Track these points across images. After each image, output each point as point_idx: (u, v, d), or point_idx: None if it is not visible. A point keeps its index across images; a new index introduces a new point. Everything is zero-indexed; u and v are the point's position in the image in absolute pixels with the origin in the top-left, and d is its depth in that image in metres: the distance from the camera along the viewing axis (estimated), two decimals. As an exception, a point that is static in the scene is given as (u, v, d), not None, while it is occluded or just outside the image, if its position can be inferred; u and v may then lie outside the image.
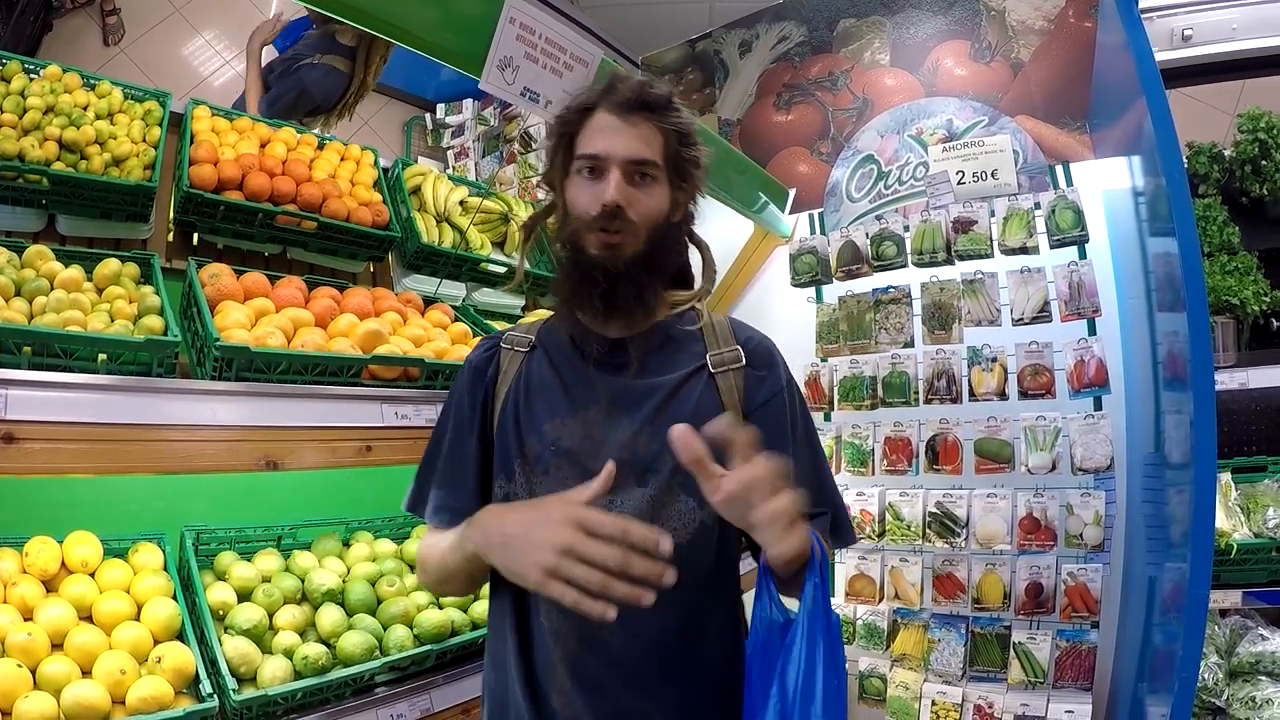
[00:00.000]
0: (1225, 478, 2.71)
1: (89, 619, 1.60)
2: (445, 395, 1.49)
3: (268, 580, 1.88)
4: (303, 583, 1.91)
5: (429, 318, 2.33)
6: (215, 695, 1.52)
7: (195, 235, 2.22)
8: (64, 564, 1.66)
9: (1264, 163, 3.03)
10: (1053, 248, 2.68)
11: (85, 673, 1.48)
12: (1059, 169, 2.86)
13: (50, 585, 1.63)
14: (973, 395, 2.72)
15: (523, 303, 3.00)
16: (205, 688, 1.53)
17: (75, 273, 1.77)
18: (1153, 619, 2.32)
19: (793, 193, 3.45)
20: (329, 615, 1.84)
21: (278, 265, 2.35)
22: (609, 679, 1.26)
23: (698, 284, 1.48)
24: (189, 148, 2.15)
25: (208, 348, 1.67)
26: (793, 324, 3.25)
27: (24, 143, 1.93)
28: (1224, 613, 2.74)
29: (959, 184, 2.95)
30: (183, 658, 1.54)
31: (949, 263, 2.84)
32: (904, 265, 2.93)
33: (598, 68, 2.01)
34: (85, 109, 2.11)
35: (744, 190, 3.03)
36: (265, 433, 1.66)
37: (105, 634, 1.55)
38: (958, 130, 3.19)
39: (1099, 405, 2.57)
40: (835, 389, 3.00)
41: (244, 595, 1.81)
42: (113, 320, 1.68)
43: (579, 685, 1.26)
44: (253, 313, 1.89)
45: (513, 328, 1.51)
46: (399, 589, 1.98)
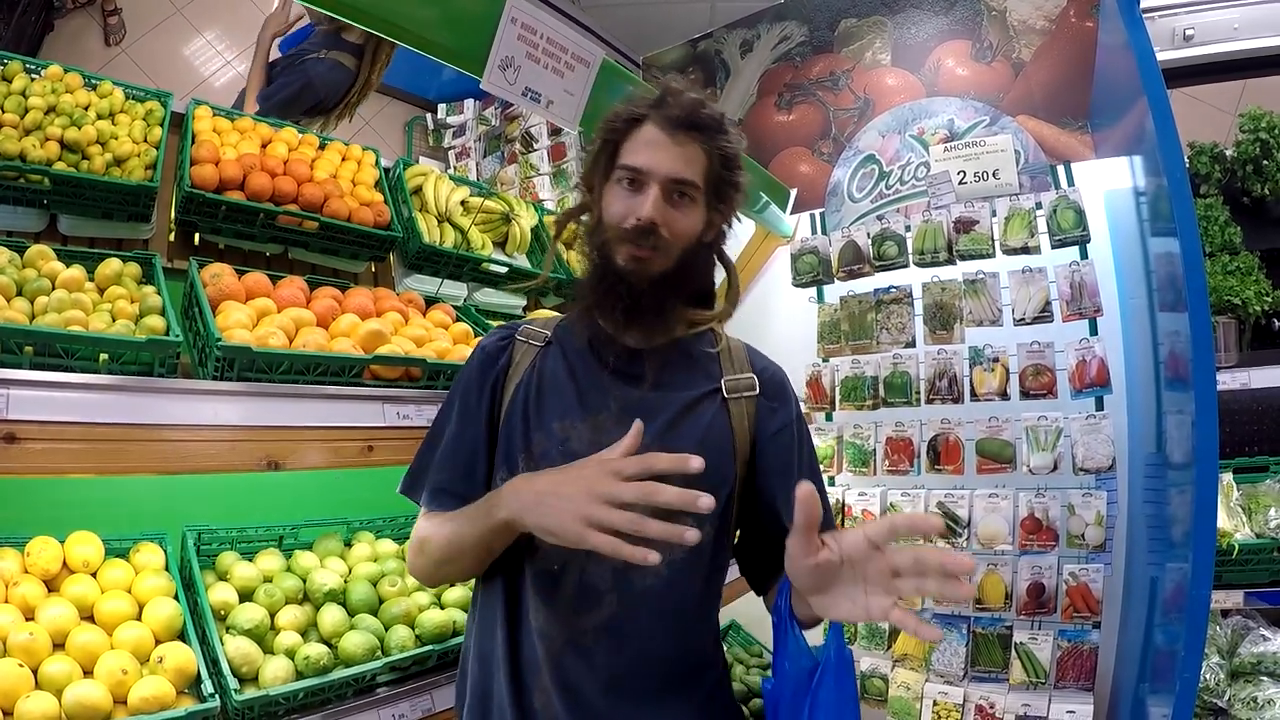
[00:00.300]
0: (1227, 478, 2.71)
1: (90, 619, 1.59)
2: (446, 395, 1.48)
3: (269, 580, 1.88)
4: (304, 583, 1.91)
5: (430, 318, 2.33)
6: (217, 695, 1.52)
7: (197, 235, 2.21)
8: (65, 564, 1.66)
9: (1265, 162, 3.03)
10: (1054, 248, 2.68)
11: (87, 673, 1.47)
12: (1060, 169, 2.86)
13: (52, 585, 1.63)
14: (974, 395, 2.72)
15: (524, 303, 3.00)
16: (207, 688, 1.53)
17: (77, 273, 1.77)
18: (1154, 619, 2.32)
19: (794, 193, 3.45)
20: (331, 615, 1.84)
21: (279, 265, 2.35)
22: (589, 684, 1.27)
23: (718, 304, 1.48)
24: (190, 148, 2.15)
25: (209, 348, 1.67)
26: (794, 324, 3.25)
27: (25, 143, 1.93)
28: (1225, 613, 2.74)
29: (960, 184, 2.94)
30: (184, 658, 1.54)
31: (950, 263, 2.83)
32: (905, 265, 2.93)
33: (599, 68, 2.01)
34: (87, 109, 2.11)
35: (745, 190, 3.03)
36: (267, 433, 1.65)
37: (107, 634, 1.55)
38: (959, 130, 3.19)
39: (1100, 405, 2.57)
40: (837, 389, 3.00)
41: (245, 595, 1.81)
42: (114, 320, 1.68)
43: (560, 687, 1.26)
44: (254, 313, 1.89)
45: (529, 321, 1.50)
46: (401, 589, 1.98)
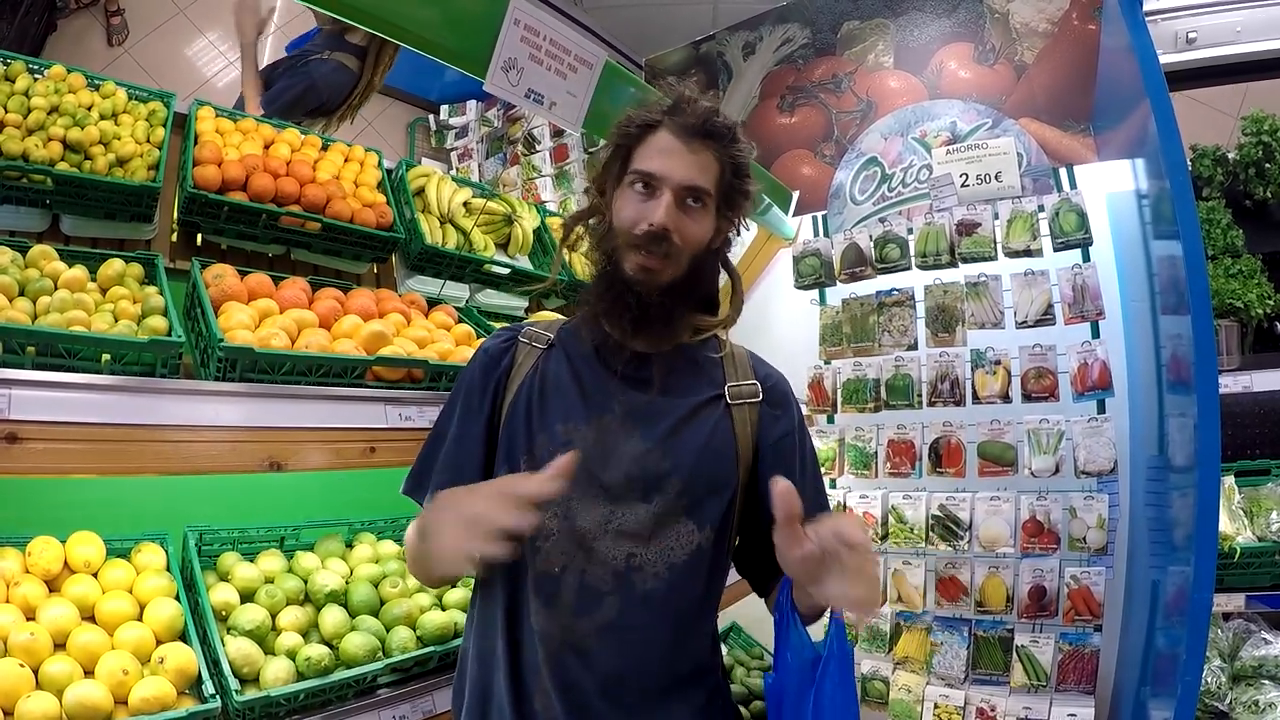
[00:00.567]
0: (1229, 481, 2.70)
1: (91, 619, 1.59)
2: (449, 396, 1.49)
3: (270, 581, 1.88)
4: (305, 584, 1.91)
5: (433, 319, 2.33)
6: (218, 696, 1.52)
7: (199, 236, 2.22)
8: (67, 564, 1.66)
9: (1268, 165, 3.03)
10: (1056, 250, 2.67)
11: (88, 673, 1.47)
12: (1063, 171, 2.85)
13: (53, 585, 1.63)
14: (976, 398, 2.72)
15: (526, 304, 3.00)
16: (208, 688, 1.53)
17: (79, 273, 1.77)
18: (1156, 623, 2.32)
19: (796, 195, 3.45)
20: (332, 616, 1.84)
21: (281, 266, 2.35)
22: (589, 685, 1.27)
23: (723, 311, 1.48)
24: (193, 148, 2.15)
25: (211, 348, 1.67)
26: (796, 326, 3.25)
27: (28, 143, 1.93)
28: (1227, 616, 2.74)
29: (962, 186, 2.94)
30: (185, 658, 1.54)
31: (952, 265, 2.83)
32: (907, 268, 2.93)
33: (602, 69, 2.01)
34: (89, 109, 2.11)
35: (747, 192, 3.03)
36: (269, 434, 1.65)
37: (108, 634, 1.55)
38: (961, 133, 3.19)
39: (1102, 408, 2.57)
40: (838, 391, 3.00)
41: (247, 596, 1.81)
42: (116, 321, 1.68)
43: (560, 688, 1.27)
44: (256, 314, 1.89)
45: (532, 323, 1.51)
46: (402, 590, 1.98)
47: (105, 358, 1.52)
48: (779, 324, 3.40)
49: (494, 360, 1.44)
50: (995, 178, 2.91)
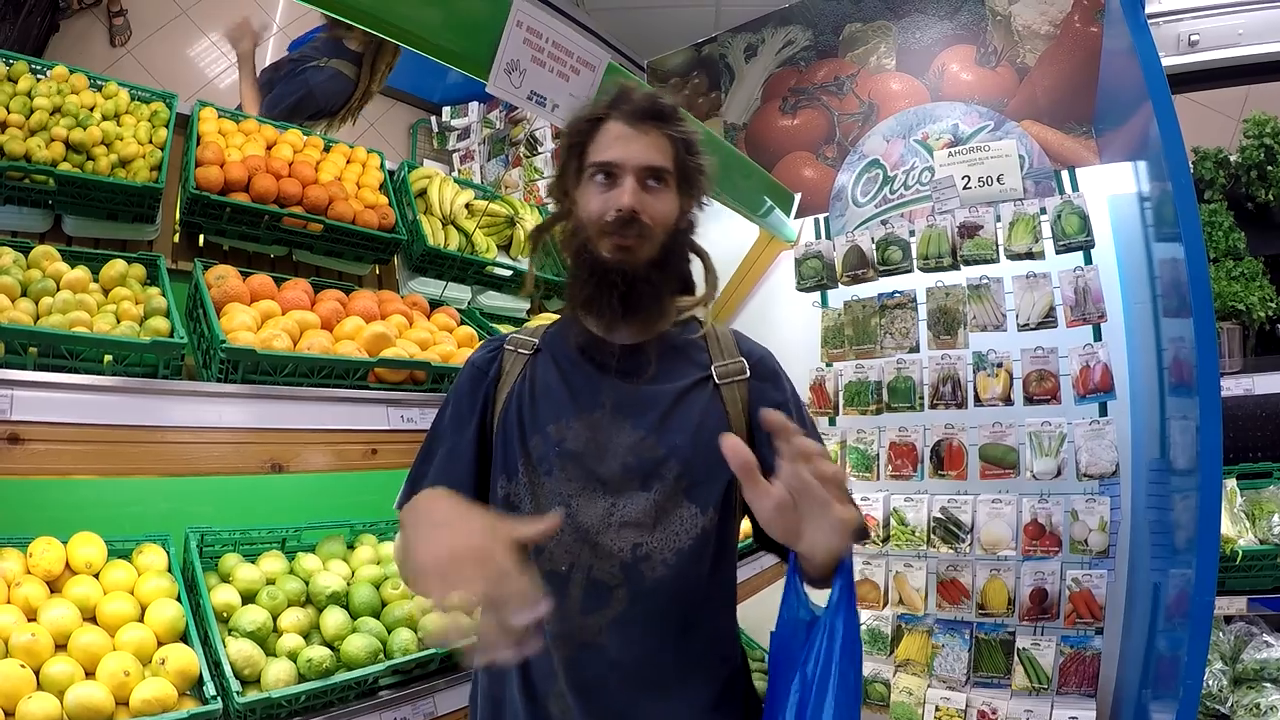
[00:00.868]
0: (1230, 484, 2.70)
1: (93, 620, 1.59)
2: (439, 411, 1.49)
3: (272, 582, 1.88)
4: (307, 585, 1.91)
5: (435, 321, 2.32)
6: (219, 697, 1.52)
7: (201, 237, 2.22)
8: (68, 565, 1.66)
9: (1270, 168, 3.02)
10: (1058, 253, 2.68)
11: (89, 674, 1.47)
12: (1065, 174, 2.86)
13: (54, 586, 1.63)
14: (978, 400, 2.72)
15: (528, 305, 3.00)
16: (209, 690, 1.53)
17: (81, 273, 1.77)
18: (1157, 625, 2.32)
19: (798, 197, 3.45)
20: (333, 618, 1.84)
21: (283, 267, 2.35)
22: (608, 683, 1.26)
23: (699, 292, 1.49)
24: (195, 149, 2.15)
25: (214, 350, 1.67)
26: (798, 328, 3.26)
27: (30, 143, 1.93)
28: (1229, 619, 2.73)
29: (964, 189, 2.95)
30: (186, 659, 1.54)
31: (954, 267, 2.84)
32: (909, 270, 2.93)
33: (604, 71, 2.01)
34: (92, 110, 2.11)
35: (749, 194, 3.04)
36: (271, 435, 1.65)
37: (109, 635, 1.55)
38: (963, 135, 3.19)
39: (1104, 411, 2.57)
40: (840, 394, 3.00)
41: (248, 597, 1.81)
42: (118, 321, 1.68)
43: (577, 689, 1.26)
44: (259, 315, 1.89)
45: (516, 331, 1.52)
46: (403, 592, 1.97)
47: (107, 359, 1.52)
48: (781, 326, 3.41)
49: (481, 372, 1.44)
50: (997, 180, 2.91)
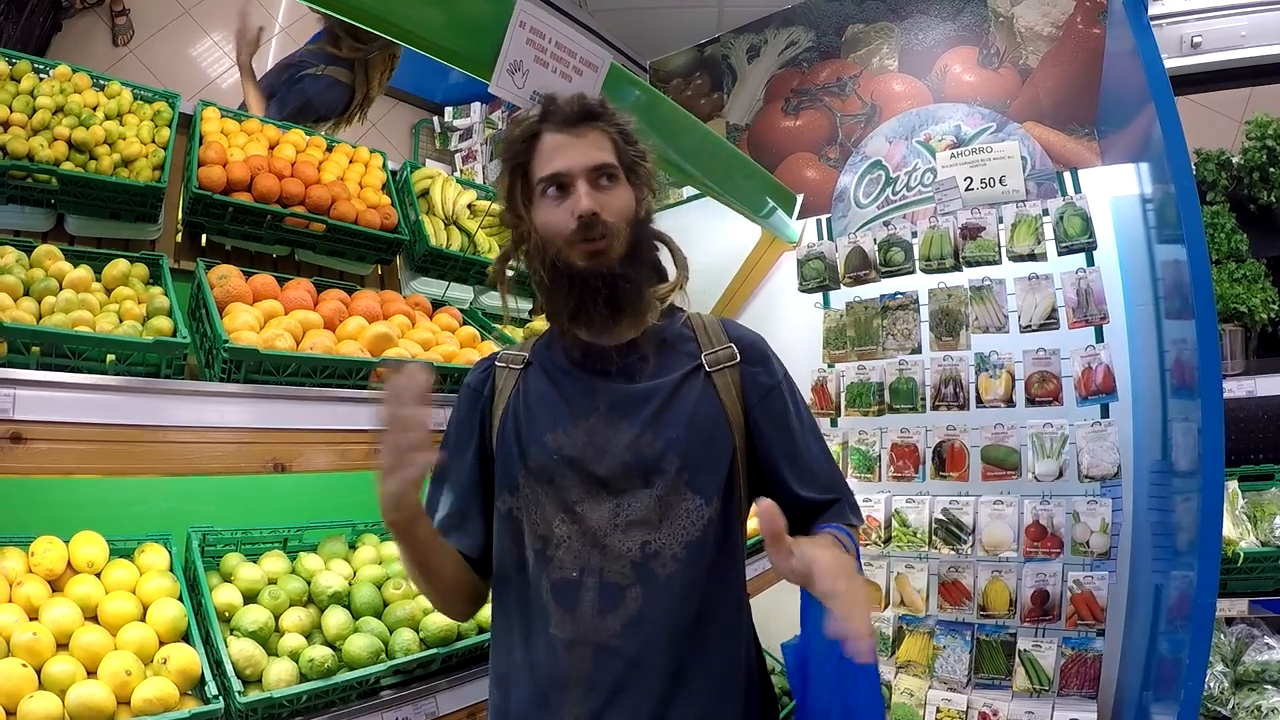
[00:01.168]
0: (1232, 486, 2.70)
1: (94, 619, 1.59)
2: (454, 399, 1.51)
3: (274, 582, 1.88)
4: (309, 585, 1.91)
5: (437, 321, 2.32)
6: (221, 697, 1.52)
7: (204, 236, 2.21)
8: (70, 564, 1.66)
9: (1272, 170, 3.02)
10: (1060, 254, 2.68)
11: (90, 673, 1.47)
12: (1067, 175, 2.86)
13: (56, 585, 1.63)
14: (980, 402, 2.72)
15: (530, 306, 2.99)
16: (211, 689, 1.53)
17: (84, 273, 1.77)
18: (1159, 627, 2.32)
19: (800, 198, 3.45)
20: (335, 618, 1.83)
21: (286, 267, 2.34)
22: (626, 683, 1.26)
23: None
24: (198, 149, 2.15)
25: (216, 349, 1.67)
26: (800, 329, 3.25)
27: (33, 142, 1.93)
28: (1230, 621, 2.73)
29: (967, 190, 2.95)
30: (188, 659, 1.54)
31: (957, 269, 2.83)
32: (912, 271, 2.93)
33: (607, 72, 2.01)
34: (95, 109, 2.11)
35: (751, 195, 3.03)
36: (273, 435, 1.65)
37: (111, 634, 1.55)
38: (966, 136, 3.19)
39: (1106, 412, 2.57)
40: (842, 395, 3.00)
41: (250, 597, 1.81)
42: (121, 321, 1.68)
43: (595, 692, 1.25)
44: (261, 315, 1.89)
45: (506, 348, 1.53)
46: (405, 592, 1.97)
47: (110, 358, 1.52)
48: (783, 327, 3.40)
49: (476, 392, 1.46)
50: (999, 181, 2.91)
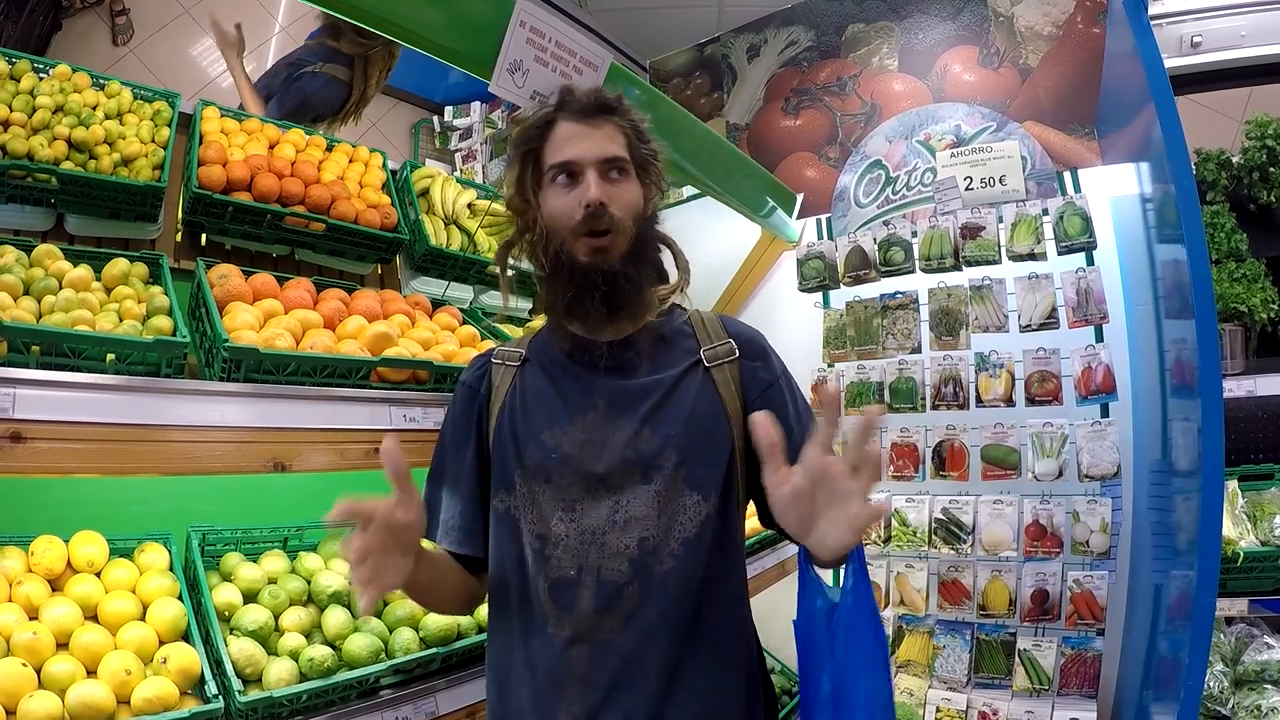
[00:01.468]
0: (1232, 485, 2.69)
1: (94, 619, 1.59)
2: (439, 435, 1.50)
3: (274, 582, 1.88)
4: (309, 584, 1.91)
5: (437, 320, 2.32)
6: (220, 696, 1.52)
7: (203, 236, 2.21)
8: (70, 563, 1.66)
9: (1272, 170, 3.02)
10: (1060, 254, 2.68)
11: (90, 672, 1.47)
12: (1067, 175, 2.86)
13: (56, 584, 1.63)
14: (980, 401, 2.72)
15: (530, 306, 3.00)
16: (210, 689, 1.53)
17: (84, 272, 1.77)
18: (1159, 627, 2.32)
19: (800, 197, 3.45)
20: (335, 617, 1.84)
21: (285, 266, 2.34)
22: (624, 679, 1.25)
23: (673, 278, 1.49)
24: (198, 148, 2.15)
25: (216, 349, 1.67)
26: (800, 329, 3.25)
27: (33, 142, 1.93)
28: (1229, 621, 2.73)
29: (967, 190, 2.95)
30: (188, 658, 1.54)
31: (957, 268, 2.83)
32: (912, 271, 2.93)
33: (607, 71, 2.01)
34: (94, 109, 2.11)
35: (751, 194, 3.03)
36: (273, 434, 1.65)
37: (111, 634, 1.55)
38: (966, 136, 3.19)
39: (1106, 412, 2.57)
40: (842, 394, 3.00)
41: (250, 596, 1.81)
42: (121, 320, 1.68)
43: (594, 689, 1.25)
44: (261, 314, 1.89)
45: (502, 344, 1.52)
46: (404, 591, 1.98)
47: (110, 357, 1.52)
48: (783, 326, 3.40)
49: (472, 390, 1.46)
50: (999, 181, 2.91)
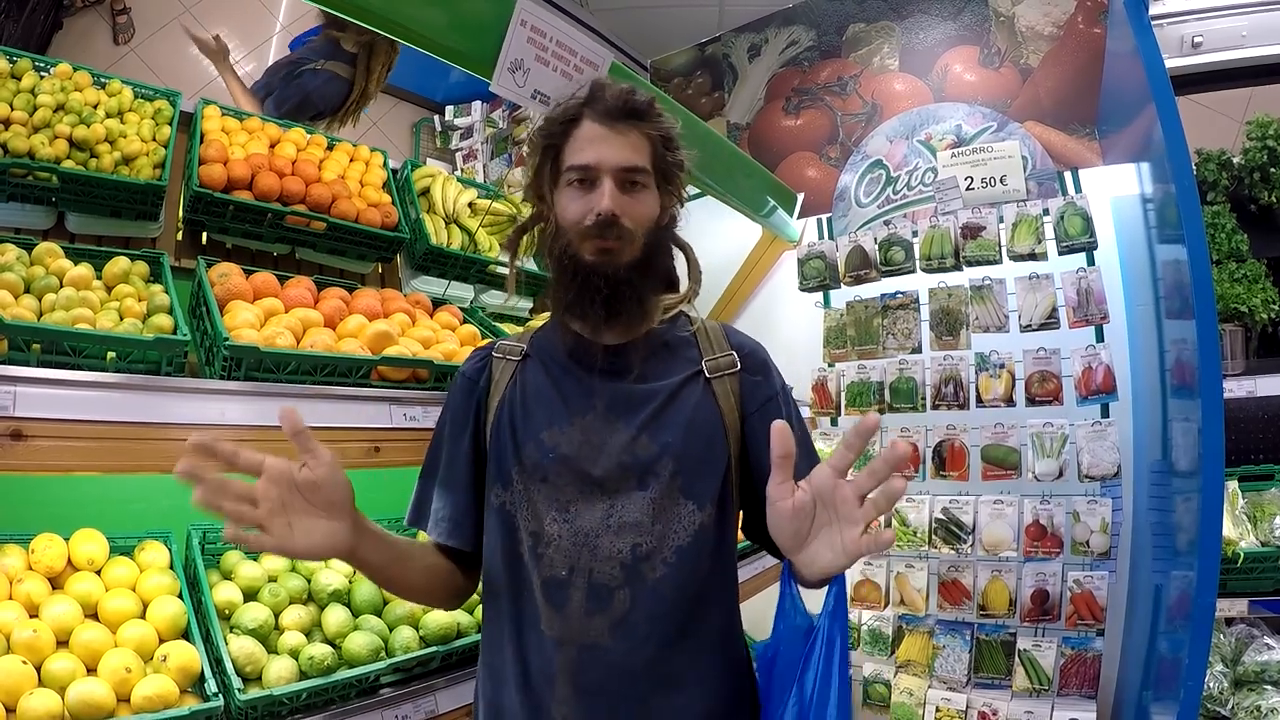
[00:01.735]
0: (1232, 486, 2.69)
1: (94, 617, 1.60)
2: (436, 425, 1.49)
3: (274, 580, 1.88)
4: (309, 583, 1.91)
5: (437, 319, 2.33)
6: (220, 694, 1.52)
7: (204, 234, 2.22)
8: (70, 561, 1.66)
9: (1273, 170, 3.02)
10: (1061, 254, 2.67)
11: (90, 670, 1.48)
12: (1068, 175, 2.86)
13: (56, 582, 1.63)
14: (980, 401, 2.71)
15: (530, 305, 3.00)
16: (210, 687, 1.53)
17: (84, 270, 1.77)
18: (1158, 627, 2.31)
19: (801, 197, 3.45)
20: (335, 616, 1.84)
21: (286, 265, 2.35)
22: (612, 686, 1.26)
23: (684, 286, 1.48)
24: (199, 147, 2.16)
25: (217, 347, 1.67)
26: (800, 328, 3.25)
27: (34, 140, 1.93)
28: (1229, 621, 2.73)
29: (967, 189, 2.94)
30: (188, 656, 1.54)
31: (957, 268, 2.83)
32: (912, 270, 2.93)
33: (608, 71, 2.01)
34: (95, 107, 2.12)
35: (752, 194, 3.03)
36: (273, 433, 1.63)
37: (111, 632, 1.55)
38: (966, 136, 3.19)
39: (1106, 412, 2.57)
40: (842, 394, 3.00)
41: (250, 595, 1.81)
42: (121, 319, 1.68)
43: (581, 692, 1.25)
44: (262, 313, 1.89)
45: (505, 338, 1.51)
46: (404, 590, 1.98)
47: (110, 356, 1.52)
48: (783, 326, 3.41)
49: (471, 382, 1.44)
50: (1000, 181, 2.91)
